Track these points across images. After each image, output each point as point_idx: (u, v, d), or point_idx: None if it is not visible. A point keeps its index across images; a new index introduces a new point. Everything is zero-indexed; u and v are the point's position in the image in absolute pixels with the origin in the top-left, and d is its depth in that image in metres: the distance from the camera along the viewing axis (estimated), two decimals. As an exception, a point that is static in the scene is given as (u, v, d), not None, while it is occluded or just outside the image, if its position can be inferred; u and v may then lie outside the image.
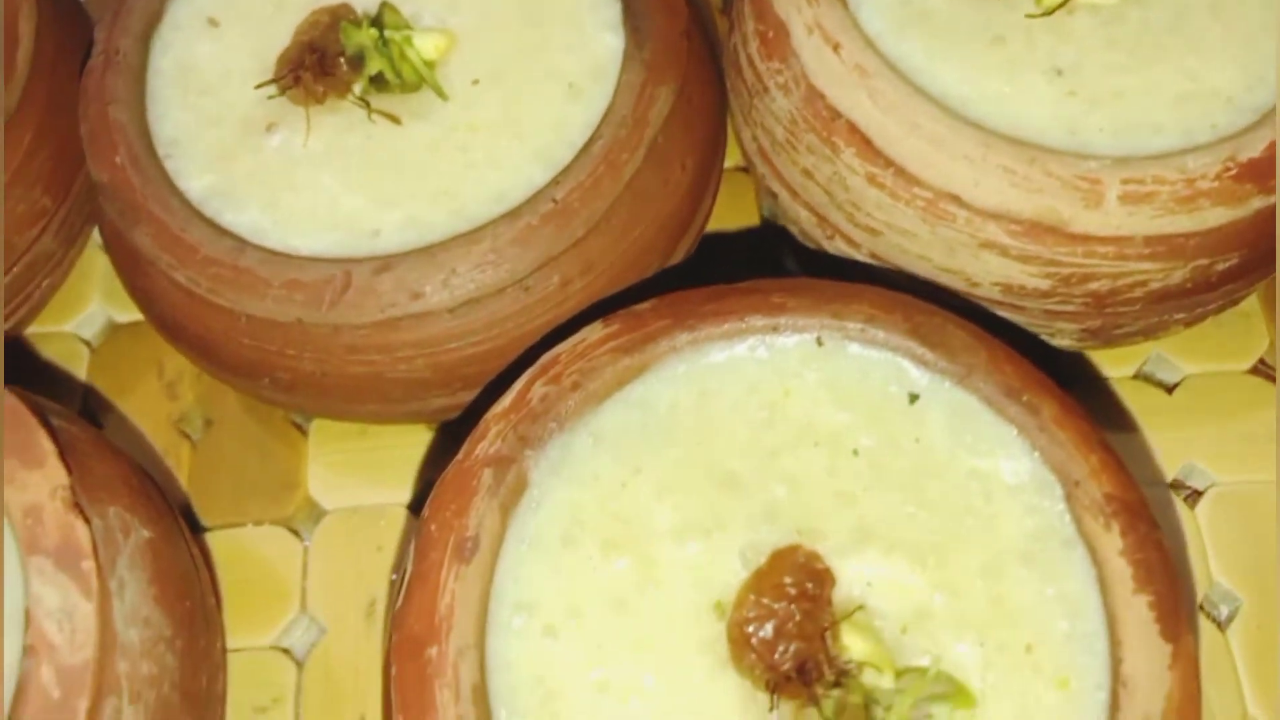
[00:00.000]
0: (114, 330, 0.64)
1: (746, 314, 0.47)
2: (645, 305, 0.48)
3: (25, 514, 0.43)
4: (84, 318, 0.64)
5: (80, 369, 0.63)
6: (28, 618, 0.42)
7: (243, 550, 0.58)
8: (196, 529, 0.58)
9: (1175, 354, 0.61)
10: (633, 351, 0.47)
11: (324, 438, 0.60)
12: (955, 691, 0.41)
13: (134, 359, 0.63)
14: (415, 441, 0.60)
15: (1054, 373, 0.46)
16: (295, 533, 0.59)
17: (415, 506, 0.59)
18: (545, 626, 0.43)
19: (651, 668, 0.43)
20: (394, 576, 0.57)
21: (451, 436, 0.59)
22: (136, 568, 0.46)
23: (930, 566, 0.44)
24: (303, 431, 0.61)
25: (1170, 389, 0.60)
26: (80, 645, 0.42)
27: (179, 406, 0.62)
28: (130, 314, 0.64)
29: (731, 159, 0.61)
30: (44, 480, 0.44)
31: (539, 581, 0.44)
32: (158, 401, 0.62)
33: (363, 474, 0.60)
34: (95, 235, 0.65)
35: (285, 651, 0.56)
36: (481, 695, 0.42)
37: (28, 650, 0.41)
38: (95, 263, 0.65)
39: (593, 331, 0.47)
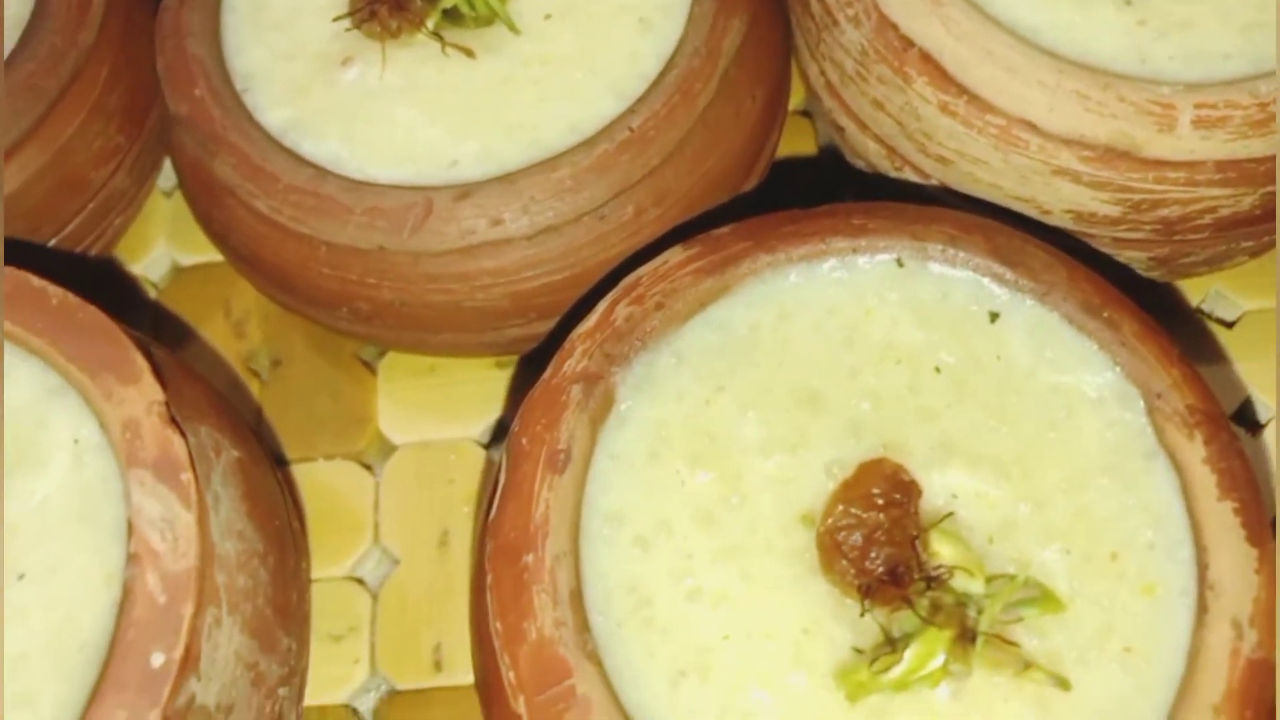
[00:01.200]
0: (179, 273, 0.64)
1: (827, 236, 0.48)
2: (724, 229, 0.49)
3: (124, 428, 0.44)
4: (150, 260, 0.65)
5: (147, 311, 0.63)
6: (130, 528, 0.43)
7: (314, 484, 0.59)
8: (269, 462, 0.59)
9: (1234, 291, 0.61)
10: (713, 273, 0.47)
11: (393, 375, 0.61)
12: (1044, 597, 0.42)
13: (201, 300, 0.63)
14: (484, 378, 0.61)
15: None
16: (367, 467, 0.59)
17: (486, 441, 0.59)
18: (635, 537, 0.44)
19: (741, 577, 0.43)
20: (467, 509, 0.58)
21: (521, 374, 0.60)
22: (229, 485, 0.46)
23: (1014, 479, 0.44)
24: (371, 369, 0.61)
25: (1230, 324, 0.60)
26: (183, 553, 0.42)
27: (247, 346, 0.62)
28: (196, 256, 0.64)
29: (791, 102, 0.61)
30: (140, 396, 0.45)
31: (628, 495, 0.45)
32: (226, 341, 0.62)
33: (432, 410, 0.60)
34: (159, 180, 0.65)
35: (359, 582, 0.57)
36: (578, 600, 0.42)
37: (132, 558, 0.42)
38: (160, 206, 0.66)
39: (673, 254, 0.48)
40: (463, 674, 0.55)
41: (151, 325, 0.63)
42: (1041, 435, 0.45)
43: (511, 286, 0.52)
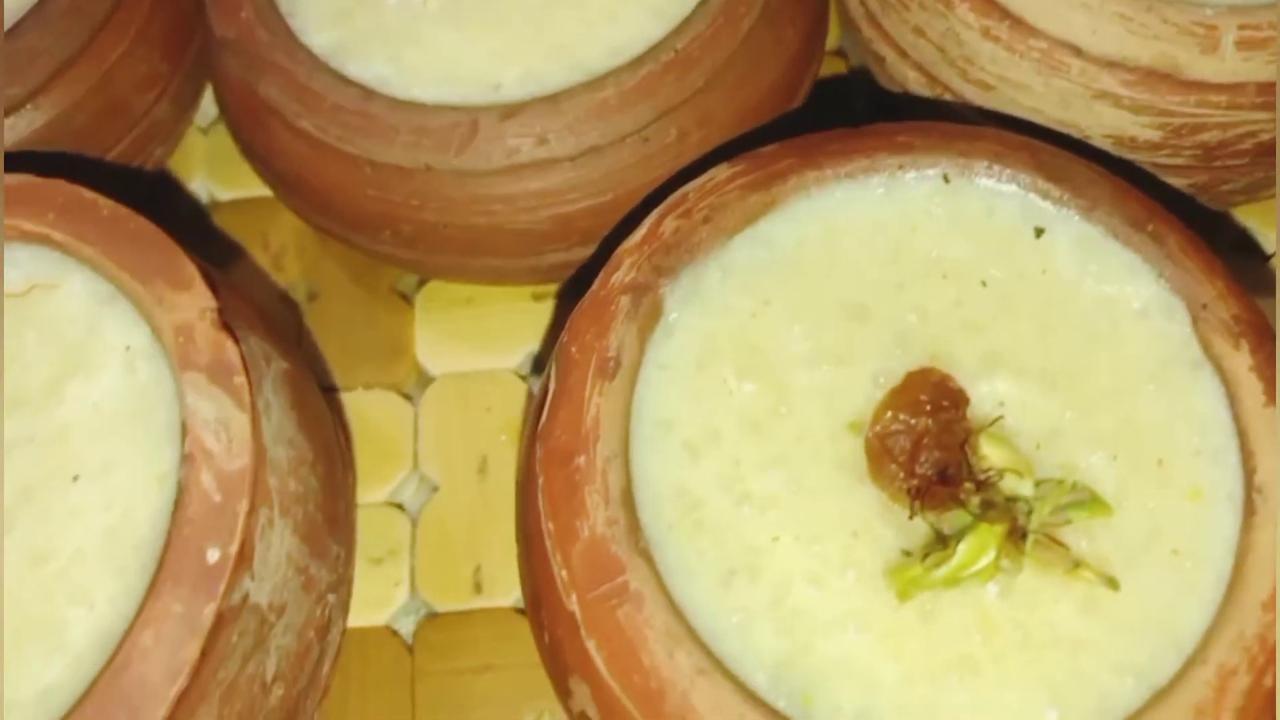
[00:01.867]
0: (216, 208, 0.65)
1: (873, 153, 0.48)
2: (770, 147, 0.49)
3: (176, 332, 0.44)
4: (187, 195, 0.65)
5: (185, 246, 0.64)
6: (184, 429, 0.43)
7: (354, 413, 0.59)
8: (308, 391, 0.59)
9: (1269, 227, 0.61)
10: (760, 189, 0.48)
11: (430, 306, 0.61)
12: (1092, 500, 0.42)
13: (238, 234, 0.64)
14: (522, 309, 0.61)
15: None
16: (405, 396, 0.60)
17: (524, 372, 0.60)
18: (685, 444, 0.44)
19: (789, 482, 0.44)
20: (505, 437, 0.58)
21: (559, 307, 0.61)
22: (278, 393, 0.47)
23: (1060, 388, 0.45)
24: (409, 301, 0.62)
25: (1267, 258, 0.61)
26: (237, 453, 0.43)
27: (285, 278, 0.63)
28: (233, 192, 0.65)
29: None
30: (192, 302, 0.45)
31: (677, 403, 0.45)
32: (264, 274, 0.63)
33: (470, 341, 0.61)
34: (196, 117, 0.66)
35: (399, 507, 0.57)
36: (629, 500, 0.43)
37: (186, 458, 0.42)
38: (197, 142, 0.66)
39: (720, 171, 0.48)
40: (502, 596, 0.55)
41: (190, 257, 0.63)
42: (1087, 346, 0.45)
43: (554, 209, 0.52)
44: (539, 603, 0.45)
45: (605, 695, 0.42)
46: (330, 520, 0.47)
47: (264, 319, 0.50)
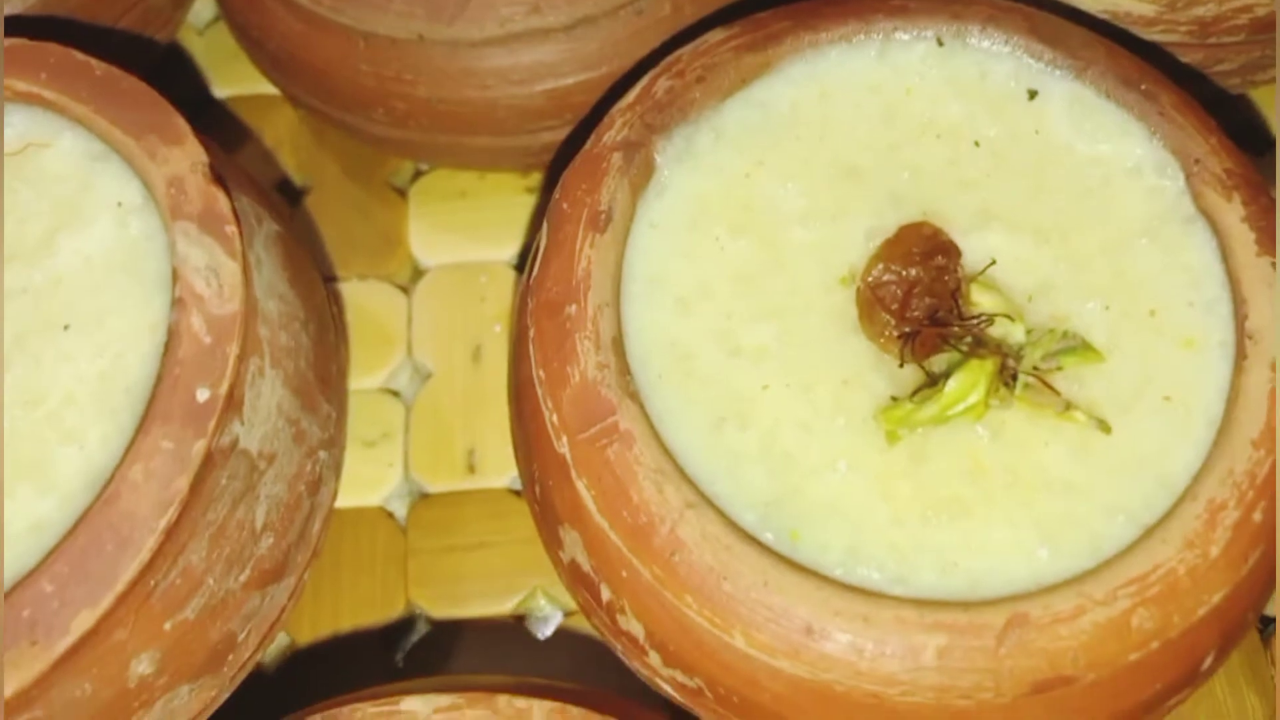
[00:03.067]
0: (211, 105, 0.65)
1: (868, 15, 0.48)
2: (765, 12, 0.49)
3: (168, 184, 0.44)
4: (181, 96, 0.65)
5: (180, 143, 0.64)
6: (174, 276, 0.43)
7: (347, 302, 0.59)
8: (302, 280, 0.59)
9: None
10: (754, 51, 0.47)
11: (424, 199, 0.61)
12: (1083, 347, 0.42)
13: (233, 133, 0.64)
14: (515, 202, 0.61)
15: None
16: (399, 288, 0.60)
17: (517, 264, 0.60)
18: (677, 299, 0.44)
19: (781, 335, 0.44)
20: (499, 327, 0.58)
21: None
22: (270, 251, 0.47)
23: (1053, 243, 0.45)
24: (403, 195, 0.62)
25: (1261, 152, 0.61)
26: (228, 298, 0.43)
27: (279, 173, 0.62)
28: (229, 89, 0.65)
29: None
30: (184, 155, 0.45)
31: (668, 260, 0.45)
32: (259, 169, 0.63)
33: (463, 233, 0.61)
34: (189, 18, 0.66)
35: (393, 393, 0.57)
36: (619, 348, 0.43)
37: (177, 303, 0.42)
38: (193, 43, 0.66)
39: (714, 34, 0.48)
40: (495, 477, 0.55)
41: (185, 150, 0.63)
42: (1080, 203, 0.45)
43: (548, 83, 0.52)
44: (530, 454, 0.45)
45: (595, 537, 0.42)
46: (322, 379, 0.47)
47: (257, 184, 0.50)
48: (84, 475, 0.41)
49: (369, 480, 0.55)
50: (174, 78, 0.65)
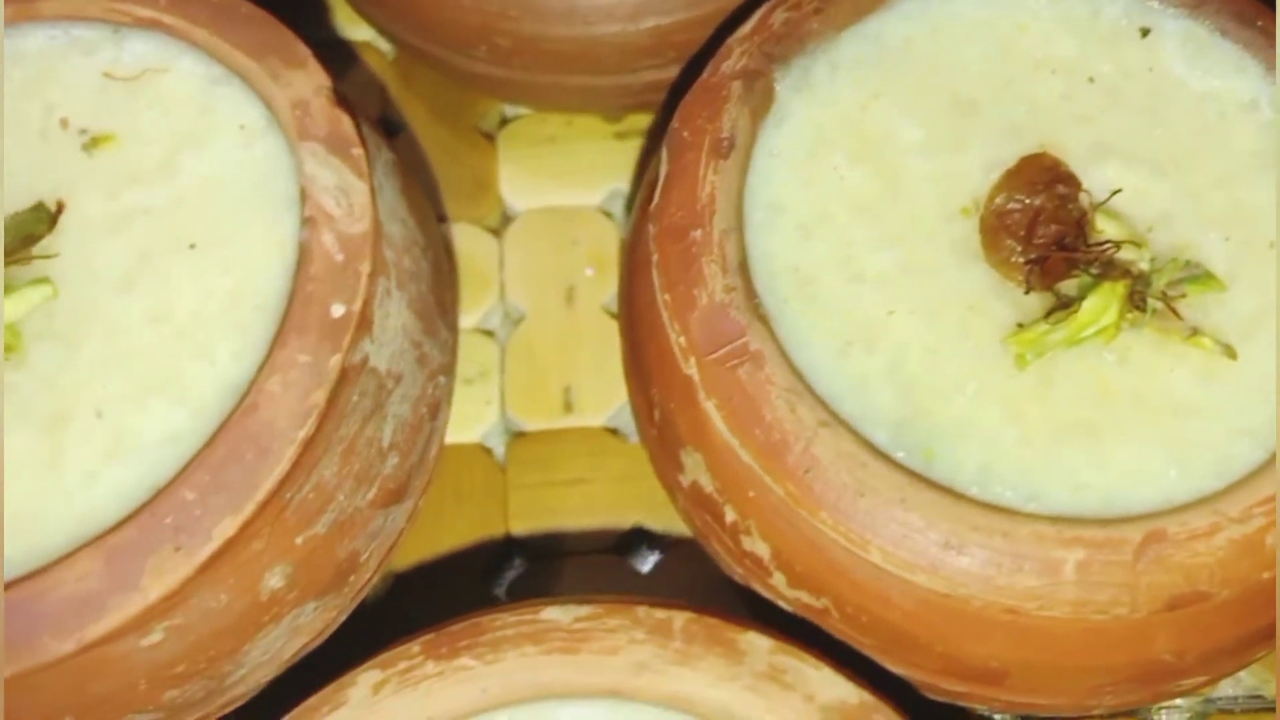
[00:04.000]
0: (297, 52, 0.65)
1: (980, -48, 0.48)
2: (878, -49, 0.49)
3: (293, 106, 0.45)
4: (267, 40, 0.65)
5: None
6: (303, 196, 0.43)
7: (439, 243, 0.59)
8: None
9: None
10: (868, -14, 0.48)
11: (513, 143, 0.61)
12: (1206, 275, 0.43)
13: (320, 75, 0.64)
14: (605, 148, 0.61)
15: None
16: (490, 230, 0.60)
17: (608, 209, 0.60)
18: (798, 225, 0.45)
19: (903, 263, 0.44)
20: (590, 270, 0.59)
21: (644, 145, 0.61)
22: (389, 178, 0.47)
23: (1170, 176, 0.45)
24: (491, 140, 0.62)
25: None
26: (358, 218, 0.43)
27: (367, 118, 0.62)
28: (312, 34, 0.65)
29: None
30: (307, 79, 0.45)
31: (789, 188, 0.45)
32: (346, 113, 0.63)
33: (553, 178, 0.61)
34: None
35: (487, 334, 0.58)
36: (746, 271, 0.43)
37: (308, 221, 0.43)
38: (277, -11, 0.66)
39: (829, -30, 0.48)
40: (592, 416, 0.56)
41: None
42: (1195, 137, 0.46)
43: (653, 20, 0.52)
44: (649, 380, 0.45)
45: (721, 458, 0.42)
46: (440, 306, 0.47)
47: (368, 114, 0.50)
48: (216, 389, 0.41)
49: (467, 417, 0.55)
50: (260, 23, 0.65)
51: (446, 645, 0.38)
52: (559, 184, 0.61)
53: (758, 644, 0.38)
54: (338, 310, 0.41)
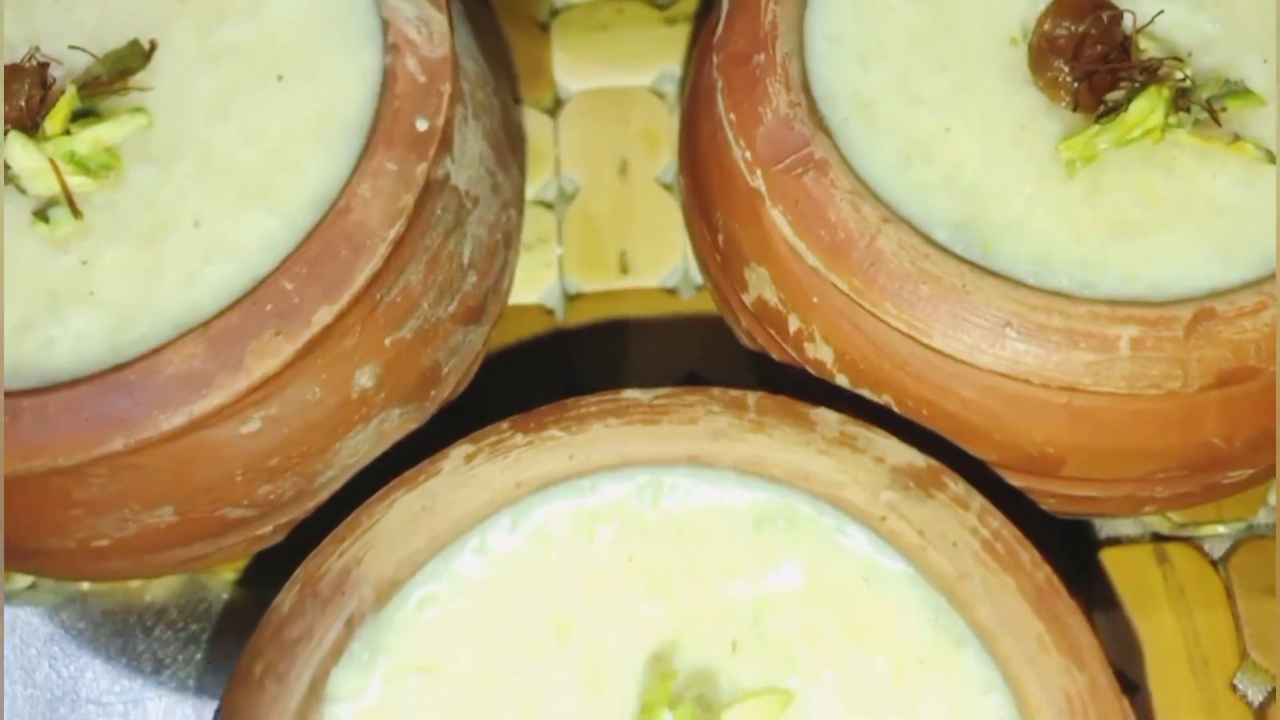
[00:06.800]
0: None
1: None
2: None
3: (374, -52, 0.47)
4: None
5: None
6: (385, 26, 0.46)
7: (497, 123, 0.62)
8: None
9: None
10: None
11: (565, 32, 0.64)
12: (1245, 92, 0.45)
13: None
14: (654, 34, 0.63)
15: None
16: (545, 111, 0.62)
17: (660, 89, 0.62)
18: (856, 54, 0.47)
19: (957, 86, 0.46)
20: (643, 146, 0.61)
21: (693, 29, 0.63)
22: (462, 21, 0.49)
23: (1208, 6, 0.47)
24: (544, 29, 0.64)
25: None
26: (438, 44, 0.45)
27: (424, 11, 0.65)
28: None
29: None
30: (385, -75, 0.48)
31: (845, 21, 0.47)
32: (404, 8, 0.65)
33: (605, 62, 0.63)
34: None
35: (546, 205, 0.60)
36: (808, 89, 0.45)
37: (391, 48, 0.45)
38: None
39: None
40: (647, 277, 0.58)
41: None
42: (1234, -25, 0.48)
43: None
44: (713, 204, 0.47)
45: (787, 267, 0.44)
46: (510, 143, 0.50)
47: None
48: (307, 200, 0.44)
49: (528, 280, 0.58)
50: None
51: (534, 421, 0.40)
52: (611, 67, 0.63)
53: (828, 417, 0.40)
54: (422, 125, 0.44)
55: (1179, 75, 0.44)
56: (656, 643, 0.38)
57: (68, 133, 0.44)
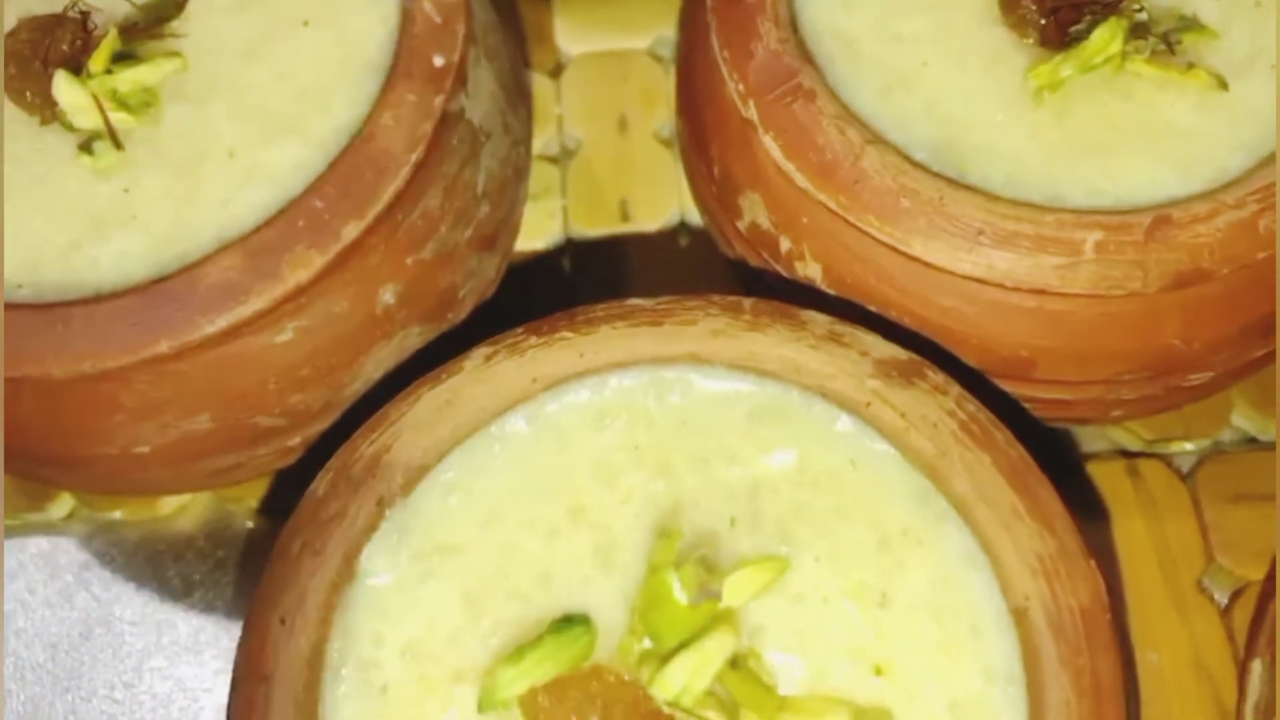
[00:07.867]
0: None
1: None
2: None
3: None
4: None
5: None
6: (403, -27, 0.49)
7: (502, 85, 0.65)
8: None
9: None
10: None
11: (568, 3, 0.68)
12: (1199, 26, 0.48)
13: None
14: (649, 1, 0.67)
15: None
16: (548, 74, 0.66)
17: (657, 52, 0.66)
18: (840, 1, 0.50)
19: (934, 26, 0.50)
20: (641, 105, 0.64)
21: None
22: (472, -24, 0.53)
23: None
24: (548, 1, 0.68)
25: None
26: (464, -5, 0.49)
27: (432, -16, 0.69)
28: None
29: None
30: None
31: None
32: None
33: (605, 28, 0.67)
34: None
35: (550, 159, 0.63)
36: (795, 28, 0.49)
37: (408, -9, 0.49)
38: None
39: None
40: (647, 223, 0.61)
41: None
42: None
43: None
44: (708, 139, 0.51)
45: (778, 191, 0.48)
46: (518, 87, 0.53)
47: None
48: (335, 130, 0.47)
49: (533, 229, 0.61)
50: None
51: (548, 325, 0.44)
52: (610, 32, 0.67)
53: (817, 317, 0.44)
54: (439, 60, 0.47)
55: (1136, 8, 0.48)
56: (661, 518, 0.41)
57: (109, 72, 0.47)
